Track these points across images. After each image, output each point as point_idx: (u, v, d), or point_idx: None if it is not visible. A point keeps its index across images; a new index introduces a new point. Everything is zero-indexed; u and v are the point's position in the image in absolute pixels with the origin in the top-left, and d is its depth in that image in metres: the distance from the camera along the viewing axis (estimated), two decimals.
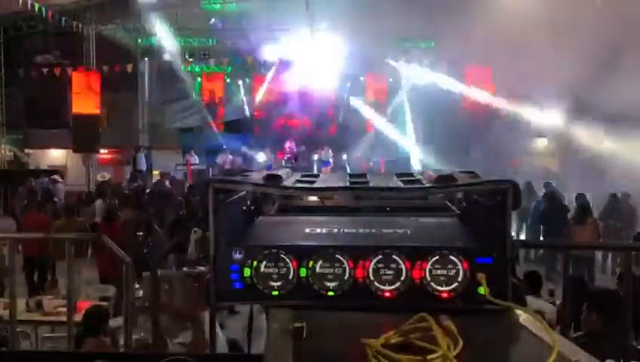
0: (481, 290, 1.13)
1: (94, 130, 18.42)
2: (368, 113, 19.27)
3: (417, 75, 18.01)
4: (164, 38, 18.36)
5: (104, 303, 6.35)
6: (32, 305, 6.42)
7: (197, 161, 19.07)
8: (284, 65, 19.55)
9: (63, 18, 17.19)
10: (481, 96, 16.79)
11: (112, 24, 18.46)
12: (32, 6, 15.49)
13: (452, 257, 1.16)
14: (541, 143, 18.39)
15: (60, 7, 16.85)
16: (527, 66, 12.54)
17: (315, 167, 17.46)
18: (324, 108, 19.84)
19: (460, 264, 1.15)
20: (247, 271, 1.18)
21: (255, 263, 1.18)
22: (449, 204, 1.70)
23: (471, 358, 0.94)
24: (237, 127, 20.60)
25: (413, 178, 1.30)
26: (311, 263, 1.17)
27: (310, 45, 18.16)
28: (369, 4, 15.49)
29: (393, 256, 1.17)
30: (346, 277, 1.17)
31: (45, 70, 18.43)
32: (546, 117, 14.86)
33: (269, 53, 19.34)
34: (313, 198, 1.76)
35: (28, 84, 19.16)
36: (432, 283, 1.16)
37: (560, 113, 13.97)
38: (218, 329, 3.35)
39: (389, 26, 15.19)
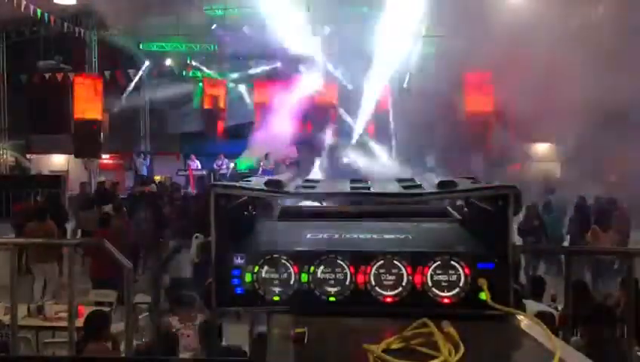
0: (483, 296, 1.13)
1: (96, 135, 18.47)
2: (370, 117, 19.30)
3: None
4: (166, 43, 18.46)
5: (106, 308, 6.35)
6: (32, 310, 6.42)
7: (198, 167, 19.10)
8: (285, 69, 19.61)
9: (65, 23, 17.27)
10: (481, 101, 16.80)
11: (114, 29, 18.52)
12: (35, 11, 15.58)
13: (453, 262, 1.16)
14: (543, 148, 18.40)
15: (62, 12, 16.93)
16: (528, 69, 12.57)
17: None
18: (325, 113, 19.86)
19: (461, 269, 1.15)
20: (248, 277, 1.18)
21: (256, 268, 1.18)
22: (450, 210, 1.70)
23: None
24: (238, 132, 20.65)
25: (414, 183, 1.30)
26: (312, 268, 1.17)
27: (311, 49, 18.22)
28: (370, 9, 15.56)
29: (394, 262, 1.17)
30: (347, 283, 1.17)
31: (47, 75, 18.50)
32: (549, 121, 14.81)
33: (270, 57, 19.41)
34: (315, 203, 1.76)
35: (30, 89, 19.23)
36: (434, 289, 1.16)
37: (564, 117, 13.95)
38: None
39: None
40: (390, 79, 18.73)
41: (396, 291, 1.16)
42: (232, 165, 18.77)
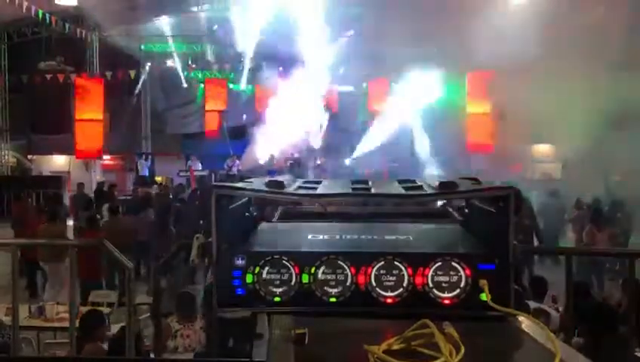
0: (484, 297, 1.13)
1: (97, 136, 18.49)
2: (371, 118, 19.30)
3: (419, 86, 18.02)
4: (167, 44, 18.49)
5: (100, 308, 6.31)
6: (34, 311, 6.42)
7: (199, 167, 19.11)
8: (286, 70, 19.63)
9: (67, 24, 17.29)
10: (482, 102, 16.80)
11: (115, 30, 18.54)
12: (36, 12, 15.60)
13: (454, 263, 1.16)
14: (544, 149, 18.37)
15: (63, 13, 16.95)
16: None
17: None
18: (326, 113, 19.89)
19: (462, 270, 1.15)
20: (249, 278, 1.18)
21: (257, 269, 1.18)
22: (451, 211, 1.70)
23: None
24: (239, 132, 20.66)
25: (415, 184, 1.30)
26: (313, 269, 1.17)
27: (313, 50, 18.24)
28: (373, 12, 15.56)
29: (395, 263, 1.17)
30: (348, 284, 1.17)
31: (49, 76, 18.51)
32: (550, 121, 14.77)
33: (271, 59, 19.41)
34: (316, 204, 1.76)
35: (32, 90, 19.25)
36: (434, 290, 1.16)
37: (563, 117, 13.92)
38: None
39: (392, 31, 15.24)
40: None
41: (397, 292, 1.16)
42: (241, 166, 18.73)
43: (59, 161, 21.30)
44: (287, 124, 18.64)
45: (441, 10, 13.73)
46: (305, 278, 1.17)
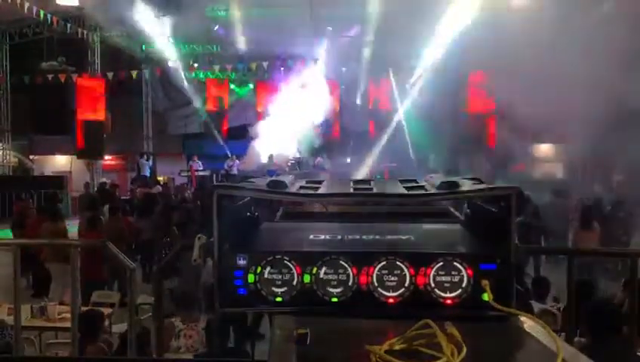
0: (485, 297, 1.13)
1: (99, 136, 18.51)
2: (372, 118, 19.33)
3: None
4: (168, 44, 18.49)
5: (99, 308, 6.31)
6: (35, 312, 6.42)
7: (201, 167, 19.13)
8: (287, 70, 19.65)
9: (68, 25, 17.31)
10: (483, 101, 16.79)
11: (116, 31, 18.55)
12: (38, 13, 15.62)
13: (456, 263, 1.16)
14: (545, 148, 18.36)
15: (65, 13, 16.97)
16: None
17: None
18: (327, 113, 19.91)
19: (463, 270, 1.15)
20: (251, 277, 1.18)
21: (259, 269, 1.18)
22: (453, 211, 1.70)
23: None
24: (240, 133, 20.67)
25: (416, 184, 1.30)
26: (315, 269, 1.17)
27: (313, 51, 18.26)
28: (374, 9, 15.57)
29: (397, 263, 1.17)
30: (349, 284, 1.17)
31: (50, 76, 18.53)
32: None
33: (272, 58, 19.43)
34: (318, 204, 1.76)
35: (33, 90, 19.27)
36: (436, 290, 1.16)
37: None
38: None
39: (393, 32, 15.24)
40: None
41: (399, 292, 1.16)
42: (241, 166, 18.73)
43: (60, 161, 21.34)
44: (288, 124, 18.65)
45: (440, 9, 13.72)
46: (306, 278, 1.17)
